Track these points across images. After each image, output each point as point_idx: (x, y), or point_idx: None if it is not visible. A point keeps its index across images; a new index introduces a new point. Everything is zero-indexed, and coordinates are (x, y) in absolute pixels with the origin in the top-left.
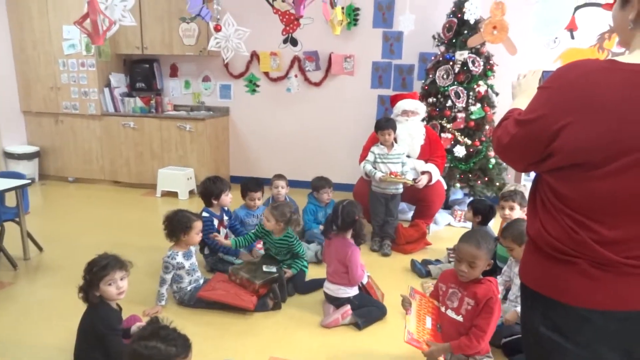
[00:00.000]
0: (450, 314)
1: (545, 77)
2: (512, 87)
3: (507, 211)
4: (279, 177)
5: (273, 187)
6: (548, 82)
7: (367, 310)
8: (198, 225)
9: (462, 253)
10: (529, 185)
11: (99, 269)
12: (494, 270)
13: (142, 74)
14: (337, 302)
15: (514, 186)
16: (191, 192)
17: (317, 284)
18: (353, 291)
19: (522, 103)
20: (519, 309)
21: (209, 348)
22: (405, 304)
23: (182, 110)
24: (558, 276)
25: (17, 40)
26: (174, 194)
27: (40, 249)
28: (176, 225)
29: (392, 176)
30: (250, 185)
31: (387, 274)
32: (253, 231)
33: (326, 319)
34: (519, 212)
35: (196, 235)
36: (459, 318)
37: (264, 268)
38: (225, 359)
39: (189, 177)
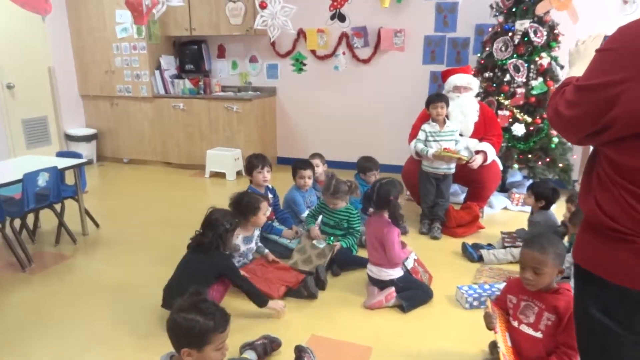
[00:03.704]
0: (526, 329)
1: None
2: (570, 54)
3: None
4: (315, 155)
5: None
6: (607, 44)
7: (412, 293)
8: (264, 205)
9: (525, 259)
10: None
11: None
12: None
13: (191, 55)
14: (381, 285)
15: None
16: (239, 173)
17: (360, 262)
18: (397, 273)
19: (580, 71)
20: None
21: (249, 324)
22: (491, 319)
23: (230, 91)
24: (613, 256)
25: (74, 27)
26: (221, 175)
27: (97, 225)
28: (245, 208)
29: (446, 151)
30: (299, 163)
31: (436, 257)
32: (312, 208)
33: (369, 299)
34: None
35: (263, 215)
36: (538, 334)
37: (314, 242)
38: (266, 334)
39: (237, 157)
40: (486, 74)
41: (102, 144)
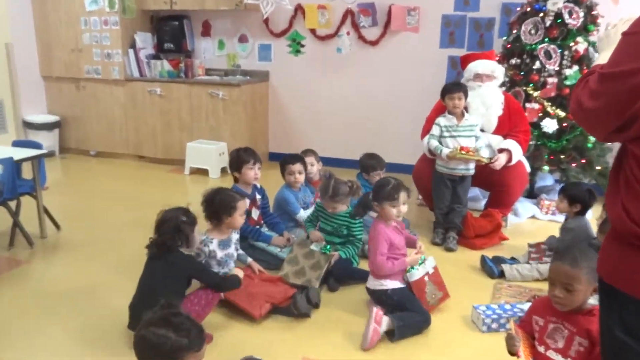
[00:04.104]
0: (554, 356)
1: None
2: (598, 40)
3: None
4: (308, 152)
5: None
6: (633, 27)
7: (408, 315)
8: (242, 205)
9: (555, 273)
10: None
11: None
12: None
13: (171, 33)
14: (374, 297)
15: None
16: (223, 170)
17: (361, 276)
18: (391, 283)
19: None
20: None
21: (231, 343)
22: (514, 342)
23: (215, 75)
24: (636, 267)
25: None
26: (203, 172)
27: (57, 226)
28: (218, 207)
29: (463, 152)
30: (287, 158)
31: (450, 272)
32: (312, 214)
33: (364, 340)
34: None
35: (240, 217)
36: None
37: (312, 246)
38: (249, 356)
39: (221, 152)
40: (513, 61)
41: (66, 134)
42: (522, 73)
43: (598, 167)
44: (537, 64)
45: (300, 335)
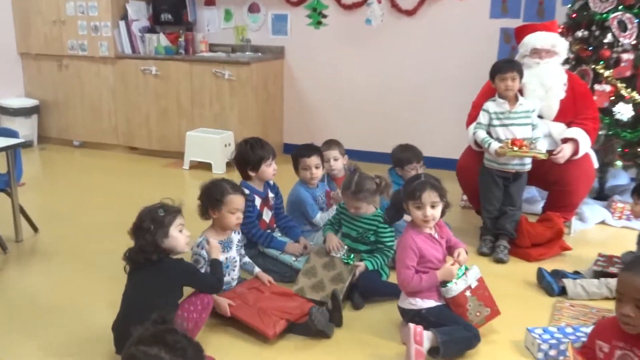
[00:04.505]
0: None
1: None
2: None
3: None
4: (330, 144)
5: (324, 159)
6: None
7: (453, 330)
8: (234, 201)
9: (624, 287)
10: None
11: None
12: None
13: (169, 2)
14: (407, 318)
15: None
16: (230, 165)
17: (392, 291)
18: (425, 302)
19: None
20: None
21: None
22: None
23: (221, 51)
24: None
25: None
26: (206, 166)
27: (35, 229)
28: (206, 200)
29: (515, 147)
30: (301, 150)
31: (500, 288)
32: (333, 217)
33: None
34: None
35: (230, 214)
36: None
37: (332, 252)
38: None
39: (227, 142)
40: (579, 33)
41: (46, 121)
42: (590, 48)
43: None
44: (609, 37)
45: (317, 356)
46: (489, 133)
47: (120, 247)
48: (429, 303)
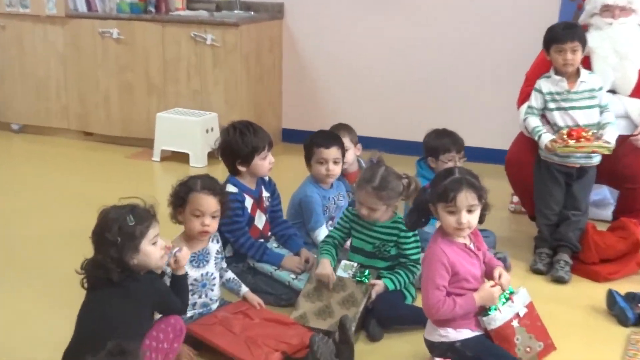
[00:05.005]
0: None
1: None
2: None
3: None
4: (340, 129)
5: None
6: None
7: None
8: (197, 201)
9: None
10: None
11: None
12: None
13: None
14: (436, 353)
15: None
16: (213, 156)
17: (417, 318)
18: (459, 333)
19: None
20: None
21: None
22: None
23: (202, 9)
24: None
25: None
26: (182, 157)
27: None
28: (174, 197)
29: (571, 140)
30: (317, 137)
31: (559, 314)
32: (337, 226)
33: None
34: None
35: (193, 217)
36: None
37: (341, 267)
38: None
39: (210, 127)
40: None
41: None
42: None
43: None
44: None
45: None
46: (543, 118)
47: (71, 261)
48: (465, 333)
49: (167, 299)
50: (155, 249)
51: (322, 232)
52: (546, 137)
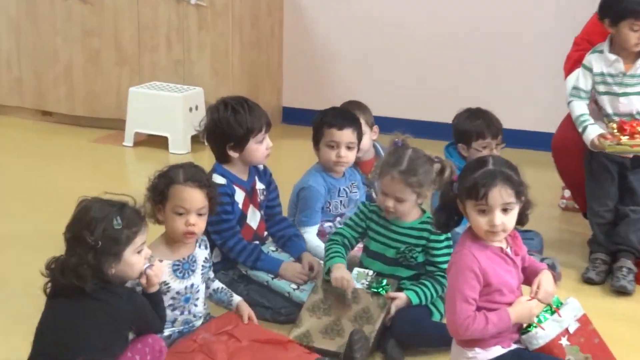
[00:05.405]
0: None
1: None
2: None
3: None
4: (353, 107)
5: None
6: None
7: None
8: (178, 194)
9: None
10: None
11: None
12: None
13: None
14: None
15: None
16: (198, 139)
17: (443, 336)
18: (489, 352)
19: None
20: None
21: None
22: None
23: None
24: None
25: None
26: (160, 142)
27: None
28: (152, 191)
29: (625, 137)
30: (328, 116)
31: (620, 332)
32: (349, 222)
33: None
34: None
35: (175, 216)
36: None
37: (355, 275)
38: None
39: (194, 105)
40: None
41: None
42: None
43: None
44: None
45: None
46: (591, 107)
47: (32, 270)
48: (496, 351)
49: (148, 317)
50: (139, 259)
51: (311, 233)
52: (593, 131)
